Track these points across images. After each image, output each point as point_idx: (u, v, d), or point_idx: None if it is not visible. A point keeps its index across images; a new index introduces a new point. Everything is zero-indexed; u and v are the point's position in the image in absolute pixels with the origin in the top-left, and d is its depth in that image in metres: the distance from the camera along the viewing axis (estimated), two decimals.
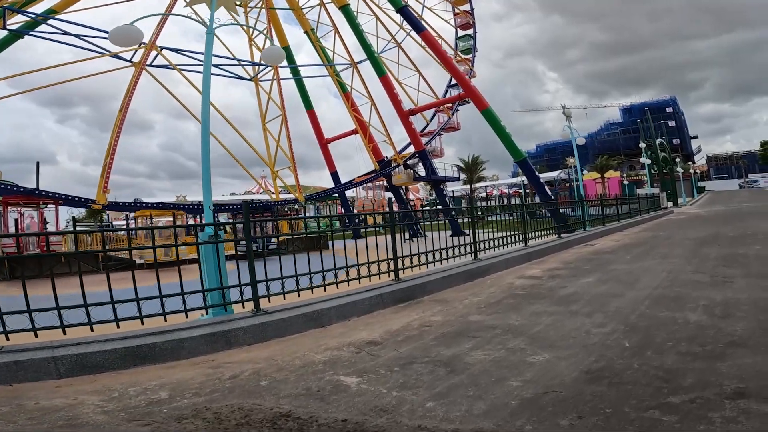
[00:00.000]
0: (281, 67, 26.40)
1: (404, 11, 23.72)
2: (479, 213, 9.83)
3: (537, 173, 26.15)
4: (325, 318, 4.47)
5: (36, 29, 19.93)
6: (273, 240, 21.02)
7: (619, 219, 15.83)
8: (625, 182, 51.77)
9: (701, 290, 4.47)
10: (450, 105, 31.81)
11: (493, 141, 23.48)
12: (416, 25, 24.42)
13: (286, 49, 30.21)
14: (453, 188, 69.69)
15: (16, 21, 19.86)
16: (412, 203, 55.80)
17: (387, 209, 6.54)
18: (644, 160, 25.35)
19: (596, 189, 48.98)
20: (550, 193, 25.68)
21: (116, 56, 19.15)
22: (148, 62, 21.43)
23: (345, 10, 25.03)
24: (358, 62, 27.48)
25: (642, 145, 25.33)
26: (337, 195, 32.20)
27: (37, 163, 29.76)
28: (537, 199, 22.41)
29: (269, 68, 23.90)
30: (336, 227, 13.22)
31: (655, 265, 6.46)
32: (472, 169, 49.37)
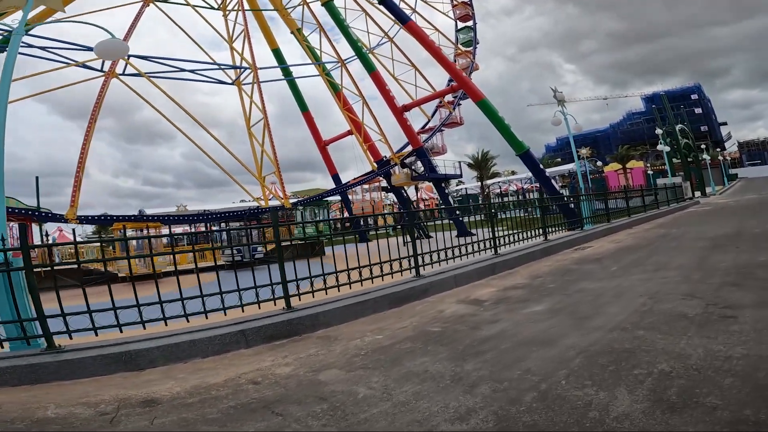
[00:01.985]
0: (265, 68, 25.38)
1: (387, 3, 22.27)
2: (424, 217, 8.25)
3: (542, 166, 24.12)
4: (145, 359, 3.55)
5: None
6: (260, 249, 20.10)
7: (629, 214, 14.06)
8: (650, 172, 48.42)
9: (676, 336, 2.87)
10: (451, 100, 30.11)
11: None
12: (400, 16, 22.91)
13: (276, 51, 29.23)
14: (467, 186, 67.19)
15: None
16: (426, 203, 53.99)
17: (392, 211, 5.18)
18: (662, 147, 22.90)
19: (618, 180, 46.08)
20: (557, 187, 23.69)
21: (84, 65, 18.48)
22: (127, 71, 20.78)
23: (328, 6, 23.75)
24: (347, 59, 26.16)
25: (659, 131, 22.90)
26: (336, 197, 30.99)
27: (36, 178, 29.69)
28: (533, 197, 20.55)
29: (250, 71, 22.87)
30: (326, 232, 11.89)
31: (639, 282, 4.83)
32: (482, 165, 47.21)
